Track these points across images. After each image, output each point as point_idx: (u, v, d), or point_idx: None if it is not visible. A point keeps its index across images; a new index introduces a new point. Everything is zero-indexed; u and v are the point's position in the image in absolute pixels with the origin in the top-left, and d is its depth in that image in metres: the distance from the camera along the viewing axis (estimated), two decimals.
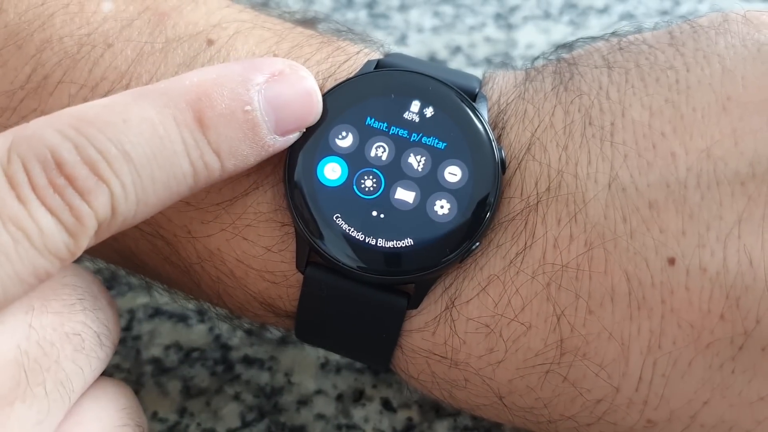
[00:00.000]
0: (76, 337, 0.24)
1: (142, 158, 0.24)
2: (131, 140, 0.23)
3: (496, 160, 0.27)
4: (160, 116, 0.24)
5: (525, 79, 0.29)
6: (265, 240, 0.28)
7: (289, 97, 0.26)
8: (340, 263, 0.27)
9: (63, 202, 0.23)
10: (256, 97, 0.26)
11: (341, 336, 0.29)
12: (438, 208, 0.27)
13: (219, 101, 0.25)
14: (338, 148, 0.27)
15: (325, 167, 0.27)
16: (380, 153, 0.27)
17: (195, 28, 0.29)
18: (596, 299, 0.26)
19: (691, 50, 0.27)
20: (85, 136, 0.23)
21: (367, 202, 0.27)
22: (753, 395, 0.25)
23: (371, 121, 0.27)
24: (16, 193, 0.22)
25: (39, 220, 0.22)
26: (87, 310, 0.25)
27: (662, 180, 0.25)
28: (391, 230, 0.27)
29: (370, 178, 0.27)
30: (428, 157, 0.27)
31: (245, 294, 0.29)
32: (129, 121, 0.24)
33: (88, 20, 0.28)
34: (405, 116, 0.27)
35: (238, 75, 0.26)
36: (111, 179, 0.23)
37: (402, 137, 0.27)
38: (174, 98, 0.25)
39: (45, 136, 0.23)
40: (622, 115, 0.26)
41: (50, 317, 0.24)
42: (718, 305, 0.25)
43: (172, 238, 0.29)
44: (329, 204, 0.27)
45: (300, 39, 0.30)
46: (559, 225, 0.26)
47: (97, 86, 0.28)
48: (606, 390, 0.26)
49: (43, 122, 0.23)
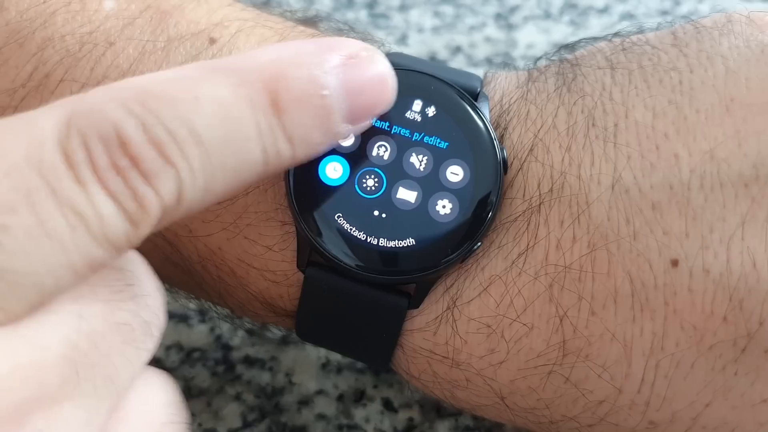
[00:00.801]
0: (125, 327, 0.22)
1: (213, 141, 0.21)
2: (203, 121, 0.21)
3: (497, 159, 0.27)
4: (234, 96, 0.22)
5: (527, 79, 0.29)
6: (266, 239, 0.28)
7: (365, 83, 0.24)
8: (340, 263, 0.27)
9: (126, 186, 0.20)
10: (333, 81, 0.23)
11: (342, 335, 0.29)
12: (440, 207, 0.27)
13: (296, 84, 0.23)
14: (340, 147, 0.27)
15: (326, 166, 0.27)
16: (382, 152, 0.27)
17: (197, 27, 0.29)
18: (599, 301, 0.26)
19: (695, 51, 0.27)
20: (152, 112, 0.21)
21: (369, 202, 0.27)
22: (756, 397, 0.25)
23: (373, 121, 0.27)
24: (74, 173, 0.20)
25: (98, 205, 0.20)
26: (137, 296, 0.23)
27: (665, 181, 0.25)
28: (392, 230, 0.27)
29: (372, 178, 0.27)
30: (430, 157, 0.27)
31: (246, 293, 0.29)
32: (200, 99, 0.21)
33: (90, 18, 0.28)
34: (407, 115, 0.27)
35: (314, 55, 0.23)
36: (179, 163, 0.21)
37: (404, 137, 0.27)
38: (249, 77, 0.22)
39: (108, 110, 0.20)
40: (625, 117, 0.26)
41: (99, 306, 0.21)
42: (721, 307, 0.25)
43: (173, 237, 0.29)
44: (330, 203, 0.27)
45: (302, 38, 0.29)
46: (562, 226, 0.26)
47: (98, 85, 0.28)
48: (608, 391, 0.26)
49: (104, 94, 0.21)
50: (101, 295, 0.22)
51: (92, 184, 0.20)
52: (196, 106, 0.21)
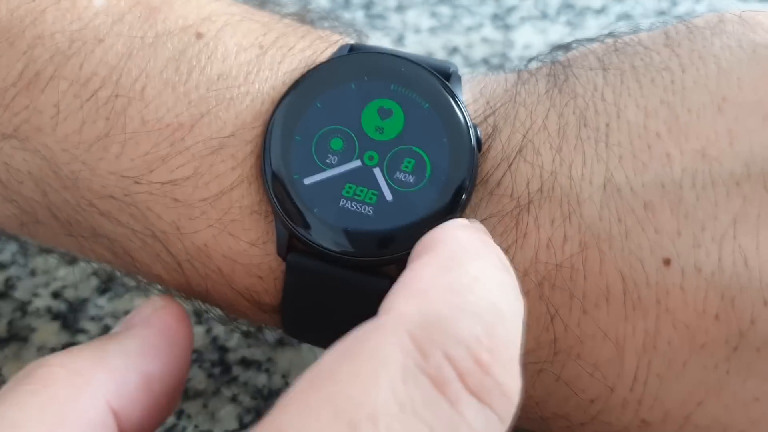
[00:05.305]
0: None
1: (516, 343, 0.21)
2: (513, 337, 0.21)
3: (471, 140, 0.27)
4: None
5: (517, 81, 0.29)
6: (250, 234, 0.28)
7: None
8: (320, 247, 0.27)
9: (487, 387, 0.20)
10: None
11: (327, 325, 0.29)
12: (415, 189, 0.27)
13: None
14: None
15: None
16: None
17: (185, 22, 0.29)
18: (591, 299, 0.26)
19: (687, 51, 0.27)
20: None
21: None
22: (748, 396, 0.25)
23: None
24: (445, 393, 0.19)
25: (474, 417, 0.19)
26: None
27: (657, 180, 0.25)
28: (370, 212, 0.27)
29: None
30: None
31: (233, 291, 0.29)
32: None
33: (80, 15, 0.28)
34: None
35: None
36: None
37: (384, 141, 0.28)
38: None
39: (455, 328, 0.20)
40: (617, 117, 0.26)
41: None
42: (713, 306, 0.25)
43: (162, 235, 0.29)
44: (308, 191, 0.27)
45: (286, 30, 0.30)
46: (553, 225, 0.26)
47: (88, 82, 0.28)
48: (600, 390, 0.26)
49: (443, 323, 0.20)
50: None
51: (464, 397, 0.19)
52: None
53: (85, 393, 0.24)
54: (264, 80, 0.28)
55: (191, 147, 0.27)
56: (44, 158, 0.28)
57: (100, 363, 0.25)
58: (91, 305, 0.37)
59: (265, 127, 0.28)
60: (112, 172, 0.28)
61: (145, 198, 0.28)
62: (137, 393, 0.26)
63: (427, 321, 0.20)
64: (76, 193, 0.28)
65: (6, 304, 0.37)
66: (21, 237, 0.34)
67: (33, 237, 0.32)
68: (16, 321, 0.37)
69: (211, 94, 0.28)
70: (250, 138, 0.28)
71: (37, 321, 0.37)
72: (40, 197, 0.29)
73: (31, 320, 0.37)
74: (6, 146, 0.28)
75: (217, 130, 0.28)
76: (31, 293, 0.38)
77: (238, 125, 0.28)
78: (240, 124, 0.28)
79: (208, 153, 0.27)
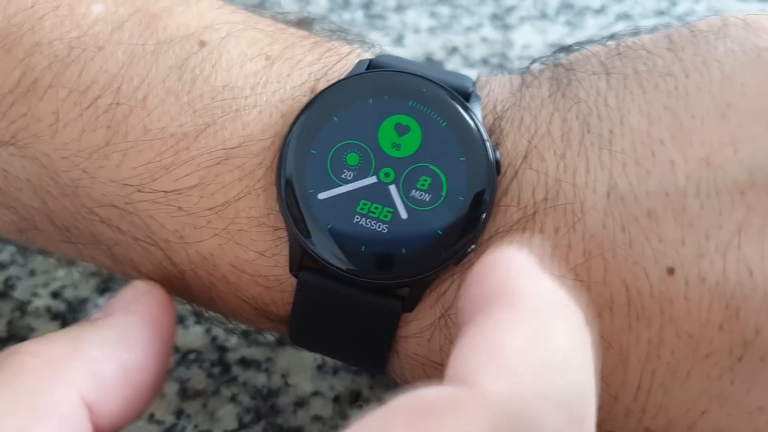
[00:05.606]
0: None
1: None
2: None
3: (490, 161, 0.27)
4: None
5: (521, 85, 0.29)
6: (258, 244, 0.28)
7: None
8: (332, 266, 0.27)
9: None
10: None
11: (336, 341, 0.29)
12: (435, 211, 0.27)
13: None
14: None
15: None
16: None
17: (186, 30, 0.28)
18: (594, 309, 0.26)
19: (690, 55, 0.27)
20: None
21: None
22: (752, 405, 0.25)
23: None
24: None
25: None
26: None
27: (661, 189, 0.25)
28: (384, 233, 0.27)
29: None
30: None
31: (238, 299, 0.29)
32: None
33: (78, 23, 0.28)
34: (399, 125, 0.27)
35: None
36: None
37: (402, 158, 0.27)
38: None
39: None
40: (620, 123, 0.26)
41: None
42: (717, 315, 0.25)
43: (164, 244, 0.28)
44: (322, 206, 0.27)
45: (292, 40, 0.29)
46: (557, 234, 0.26)
47: (87, 90, 0.27)
48: (604, 399, 0.26)
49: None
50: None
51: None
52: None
53: (58, 384, 0.24)
54: (272, 93, 0.28)
55: (196, 157, 0.27)
56: (43, 166, 0.28)
57: (75, 352, 0.25)
58: (90, 305, 0.37)
59: (276, 140, 0.27)
60: (113, 181, 0.28)
61: (147, 206, 0.28)
62: (114, 384, 0.25)
63: (516, 414, 0.18)
64: (76, 201, 0.28)
65: (5, 304, 0.37)
66: (19, 243, 0.34)
67: (31, 243, 0.32)
68: (16, 321, 0.37)
69: (216, 104, 0.27)
70: (257, 151, 0.27)
71: (37, 321, 0.37)
72: (39, 204, 0.29)
73: (31, 320, 0.37)
74: (4, 153, 0.28)
75: (222, 141, 0.27)
76: (31, 293, 0.38)
77: (245, 137, 0.27)
78: (247, 135, 0.27)
79: (213, 163, 0.27)
